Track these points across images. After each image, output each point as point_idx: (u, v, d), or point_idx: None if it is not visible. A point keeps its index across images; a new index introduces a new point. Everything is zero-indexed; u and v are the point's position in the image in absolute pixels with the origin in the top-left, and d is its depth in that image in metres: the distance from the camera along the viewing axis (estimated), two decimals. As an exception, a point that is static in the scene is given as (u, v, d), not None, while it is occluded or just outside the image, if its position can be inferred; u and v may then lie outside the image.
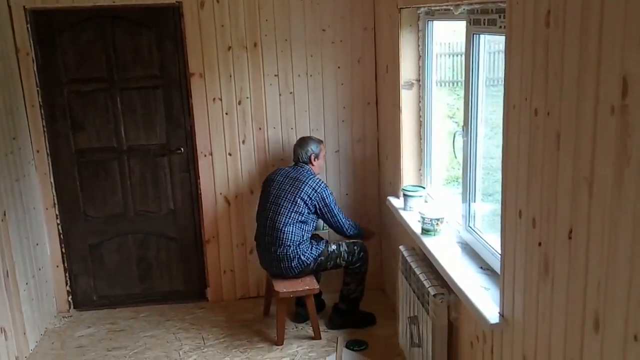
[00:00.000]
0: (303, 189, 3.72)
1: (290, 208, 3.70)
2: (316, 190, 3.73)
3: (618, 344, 1.43)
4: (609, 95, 1.45)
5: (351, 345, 3.66)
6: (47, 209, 4.20)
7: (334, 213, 3.79)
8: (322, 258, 3.76)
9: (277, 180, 3.84)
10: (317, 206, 3.74)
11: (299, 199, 3.70)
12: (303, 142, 3.93)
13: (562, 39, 1.66)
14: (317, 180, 3.79)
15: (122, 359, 3.66)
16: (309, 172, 3.82)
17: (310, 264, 3.73)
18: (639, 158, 1.35)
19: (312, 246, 3.76)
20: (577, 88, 1.59)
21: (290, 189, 3.74)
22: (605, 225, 1.49)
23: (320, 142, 3.96)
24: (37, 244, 4.02)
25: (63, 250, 4.30)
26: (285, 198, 3.73)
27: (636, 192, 1.37)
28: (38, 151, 4.11)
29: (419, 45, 3.49)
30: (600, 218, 1.51)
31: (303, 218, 3.72)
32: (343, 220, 3.84)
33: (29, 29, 3.96)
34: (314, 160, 3.88)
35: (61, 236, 4.28)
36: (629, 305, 1.40)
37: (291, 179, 3.79)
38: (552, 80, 1.73)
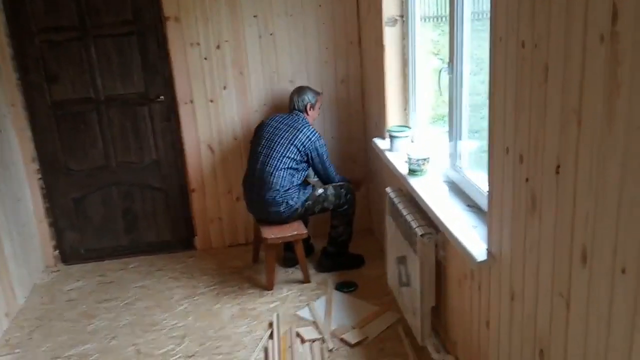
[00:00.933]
0: (297, 136, 3.66)
1: (282, 152, 3.65)
2: (310, 139, 3.68)
3: (606, 276, 1.43)
4: (598, 22, 1.39)
5: (341, 287, 3.69)
6: (26, 164, 4.12)
7: (326, 165, 3.77)
8: (310, 202, 3.74)
9: (272, 125, 3.77)
10: (310, 155, 3.70)
11: (292, 146, 3.65)
12: (301, 90, 3.85)
13: (549, -36, 1.58)
14: (312, 130, 3.73)
15: (113, 310, 3.67)
16: (304, 121, 3.76)
17: (298, 208, 3.71)
18: (629, 87, 1.31)
19: (300, 191, 3.73)
20: (565, 17, 1.53)
21: (285, 134, 3.69)
22: (594, 159, 1.46)
23: (317, 93, 3.89)
24: (18, 200, 3.95)
25: (47, 205, 4.24)
26: (279, 143, 3.67)
27: (626, 123, 1.32)
28: (13, 105, 3.99)
29: (401, -20, 3.37)
30: (589, 151, 1.48)
31: (294, 165, 3.68)
32: (333, 174, 3.83)
33: None
34: (310, 109, 3.82)
35: (44, 191, 4.21)
36: (617, 237, 1.38)
37: (286, 125, 3.74)
38: (539, 11, 1.66)
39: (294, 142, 3.66)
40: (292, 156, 3.66)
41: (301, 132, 3.69)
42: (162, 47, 4.06)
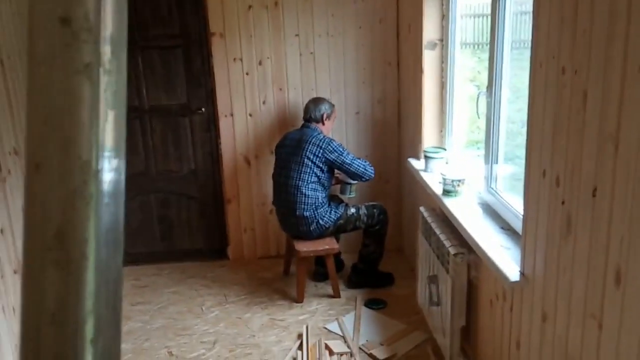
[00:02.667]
0: (307, 148, 3.69)
1: (299, 170, 3.70)
2: (320, 146, 3.68)
3: (639, 298, 1.46)
4: (637, 52, 1.44)
5: (370, 304, 3.73)
6: None
7: (348, 161, 3.69)
8: (342, 221, 3.79)
9: (285, 145, 3.84)
10: (329, 159, 3.68)
11: (305, 159, 3.69)
12: (317, 100, 3.91)
13: (592, -5, 1.64)
14: (321, 137, 3.72)
15: (146, 313, 3.77)
16: (313, 131, 3.76)
17: (329, 227, 3.77)
18: (667, 115, 1.35)
19: (331, 210, 3.79)
20: (605, 46, 1.58)
21: (296, 151, 3.73)
22: (630, 183, 1.50)
23: (332, 105, 3.95)
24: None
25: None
26: (294, 161, 3.73)
27: (664, 150, 1.37)
28: None
29: (442, 5, 3.45)
30: (625, 176, 1.52)
31: (314, 178, 3.71)
32: (361, 165, 3.74)
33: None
34: (326, 119, 3.85)
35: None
36: (652, 261, 1.42)
37: (296, 141, 3.78)
38: (580, 38, 1.71)
39: (306, 155, 3.68)
40: (309, 171, 3.68)
41: (309, 142, 3.70)
42: (206, 61, 4.20)
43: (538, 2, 1.98)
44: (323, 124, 3.85)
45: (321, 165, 3.70)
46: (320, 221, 3.73)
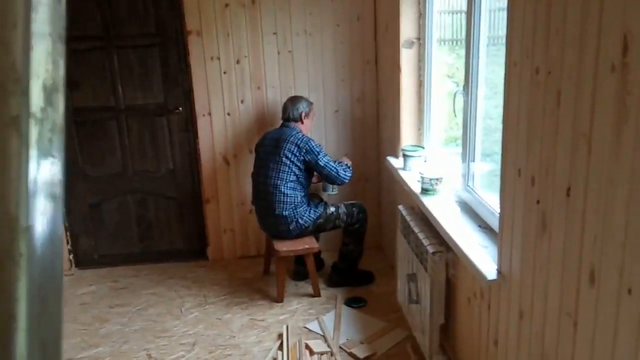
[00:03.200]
0: (286, 147, 3.69)
1: (277, 169, 3.69)
2: (298, 145, 3.68)
3: (612, 297, 1.47)
4: (609, 53, 1.45)
5: (350, 302, 3.73)
6: (46, 168, 4.20)
7: (323, 163, 3.69)
8: (321, 220, 3.79)
9: (265, 144, 3.83)
10: (305, 159, 3.69)
11: (284, 158, 3.68)
12: (295, 99, 3.90)
13: (565, -5, 1.65)
14: (300, 136, 3.72)
15: (125, 315, 3.73)
16: (292, 130, 3.75)
17: (308, 226, 3.76)
18: (637, 115, 1.36)
19: (311, 209, 3.79)
20: (578, 46, 1.59)
21: (274, 150, 3.72)
22: (603, 182, 1.51)
23: (311, 103, 3.93)
24: (37, 204, 4.03)
25: (63, 209, 4.32)
26: (271, 160, 3.72)
27: (634, 149, 1.38)
28: (36, 111, 4.09)
29: (419, 3, 3.45)
30: (598, 175, 1.53)
31: (293, 177, 3.70)
32: (336, 168, 3.73)
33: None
34: (304, 117, 3.84)
35: (61, 196, 4.29)
36: (624, 259, 1.43)
37: (275, 140, 3.77)
38: (553, 38, 1.72)
39: (285, 154, 3.67)
40: (287, 169, 3.68)
41: (288, 141, 3.69)
42: (183, 59, 4.16)
43: (512, 1, 1.99)
44: (302, 122, 3.83)
45: (299, 164, 3.69)
46: (300, 220, 3.72)
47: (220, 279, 4.18)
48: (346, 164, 3.87)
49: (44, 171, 0.42)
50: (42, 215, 0.42)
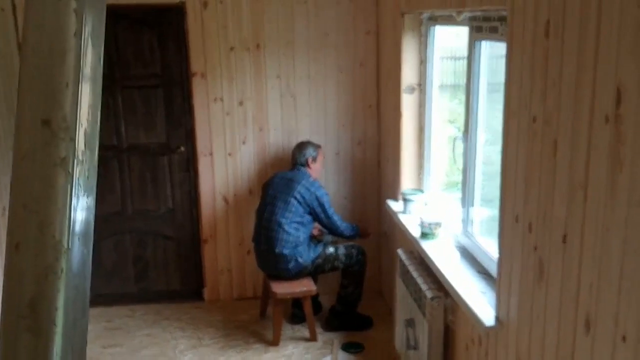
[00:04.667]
0: (297, 189, 3.74)
1: (285, 208, 3.73)
2: (309, 190, 3.75)
3: (608, 344, 1.47)
4: (603, 104, 1.48)
5: (347, 347, 3.69)
6: None
7: (329, 214, 3.80)
8: (320, 260, 3.79)
9: (275, 182, 3.88)
10: (311, 206, 3.76)
11: (293, 199, 3.73)
12: (302, 145, 3.97)
13: (560, 49, 1.69)
14: (312, 181, 3.81)
15: (118, 356, 3.68)
16: (304, 174, 3.85)
17: (307, 266, 3.76)
18: (631, 165, 1.39)
19: (310, 248, 3.79)
20: (574, 97, 1.63)
21: (285, 190, 3.77)
22: (599, 230, 1.52)
23: (318, 147, 3.99)
24: None
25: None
26: (281, 199, 3.76)
27: (628, 198, 1.40)
28: (39, 148, 4.13)
29: (421, 50, 3.53)
30: (593, 223, 1.54)
31: (299, 219, 3.74)
32: (338, 222, 3.86)
33: None
34: (312, 163, 3.91)
35: None
36: (619, 307, 1.43)
37: (287, 179, 3.83)
38: (550, 89, 1.76)
39: (294, 195, 3.73)
40: (294, 210, 3.72)
41: (300, 184, 3.76)
42: (186, 100, 4.22)
43: (510, 53, 2.04)
44: (310, 167, 3.89)
45: (306, 207, 3.75)
46: (299, 259, 3.72)
47: (216, 320, 4.13)
48: (350, 224, 3.96)
49: (83, 204, 0.50)
50: (79, 239, 0.50)
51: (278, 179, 3.89)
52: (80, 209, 0.49)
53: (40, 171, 0.46)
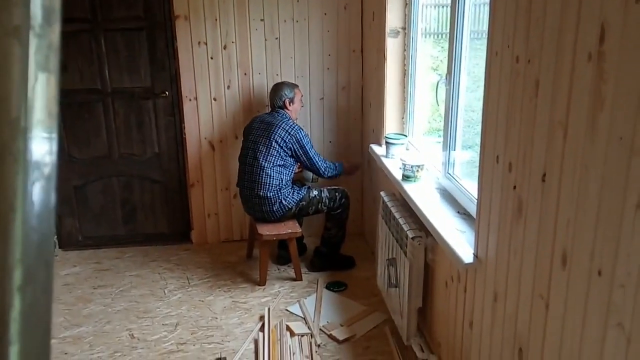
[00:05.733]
0: (277, 132, 3.75)
1: (266, 152, 3.75)
2: (289, 133, 3.76)
3: (583, 278, 1.54)
4: (587, 42, 1.51)
5: (331, 286, 3.80)
6: (30, 149, 4.20)
7: (310, 155, 3.81)
8: (304, 203, 3.85)
9: (254, 127, 3.88)
10: (292, 148, 3.77)
11: (273, 142, 3.74)
12: (277, 87, 3.94)
13: (545, -13, 1.70)
14: (291, 123, 3.81)
15: (108, 296, 3.75)
16: (283, 116, 3.84)
17: (292, 208, 3.82)
18: (611, 103, 1.43)
19: (294, 191, 3.84)
20: (557, 36, 1.65)
21: (265, 133, 3.78)
22: (577, 168, 1.57)
23: (294, 86, 3.97)
24: (21, 184, 4.03)
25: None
26: (261, 143, 3.78)
27: (608, 136, 1.44)
28: (21, 91, 4.08)
29: (406, -7, 3.50)
30: (572, 161, 1.60)
31: (280, 161, 3.77)
32: (320, 163, 3.87)
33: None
34: (289, 104, 3.90)
35: (45, 177, 4.29)
36: (595, 242, 1.50)
37: (266, 123, 3.83)
38: (533, 28, 1.78)
39: (274, 137, 3.75)
40: (275, 153, 3.75)
41: (279, 127, 3.77)
42: (170, 44, 4.17)
43: (495, -8, 2.04)
44: (288, 109, 3.88)
45: (287, 150, 3.76)
46: (284, 201, 3.77)
47: (204, 262, 4.21)
48: (334, 163, 3.98)
49: (42, 83, 0.46)
50: (39, 125, 0.46)
51: (257, 123, 3.89)
52: (40, 89, 0.45)
53: None
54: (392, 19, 3.54)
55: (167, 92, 4.26)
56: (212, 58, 4.19)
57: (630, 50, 1.35)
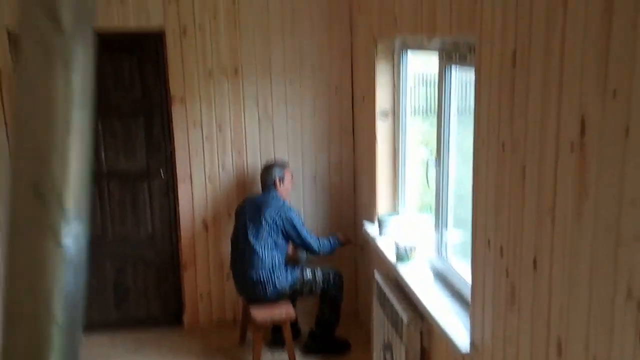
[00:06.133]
0: (267, 212, 3.75)
1: (257, 233, 3.73)
2: (279, 213, 3.75)
3: (579, 369, 1.50)
4: (569, 133, 1.54)
5: (327, 370, 3.68)
6: None
7: (302, 235, 3.78)
8: (298, 285, 3.80)
9: (245, 208, 3.89)
10: (283, 228, 3.75)
11: (264, 222, 3.73)
12: (268, 167, 3.98)
13: (526, 78, 1.75)
14: (281, 203, 3.81)
15: (96, 384, 3.63)
16: (273, 196, 3.84)
17: (285, 290, 3.76)
18: (595, 193, 1.44)
19: (287, 272, 3.79)
20: (540, 125, 1.68)
21: (255, 214, 3.77)
22: (567, 255, 1.57)
23: (285, 166, 4.00)
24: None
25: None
26: (252, 224, 3.76)
27: (594, 225, 1.44)
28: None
29: (394, 76, 3.59)
30: (562, 248, 1.59)
31: (272, 242, 3.74)
32: (313, 242, 3.84)
33: (11, 50, 3.97)
34: (280, 183, 3.91)
35: None
36: (589, 331, 1.47)
37: (256, 204, 3.83)
38: (517, 117, 1.82)
39: (265, 218, 3.73)
40: (266, 234, 3.73)
41: (269, 207, 3.76)
42: (166, 126, 4.24)
43: (479, 80, 2.10)
44: (278, 188, 3.90)
45: (278, 230, 3.74)
46: (277, 283, 3.72)
47: (196, 348, 4.10)
48: (326, 240, 3.96)
49: (73, 270, 0.53)
50: (67, 305, 0.54)
51: (248, 204, 3.90)
52: (71, 275, 0.54)
53: (30, 238, 0.50)
54: (382, 101, 3.62)
55: (162, 173, 4.29)
56: (207, 138, 4.25)
57: (610, 143, 1.37)
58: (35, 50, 0.49)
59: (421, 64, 3.77)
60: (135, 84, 4.18)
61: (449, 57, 2.73)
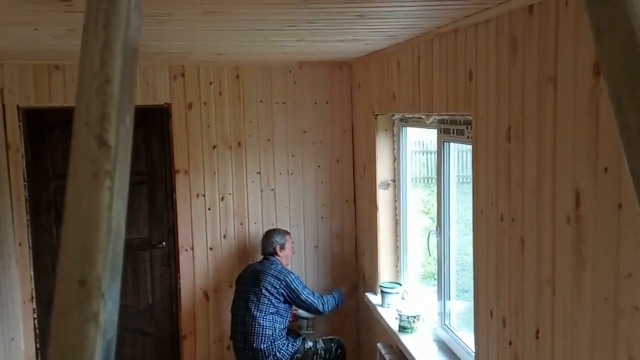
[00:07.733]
0: (266, 279, 3.76)
1: (257, 301, 3.73)
2: (278, 278, 3.76)
3: None
4: (564, 205, 1.61)
5: None
6: (24, 302, 4.17)
7: (303, 297, 3.76)
8: (299, 355, 3.76)
9: (245, 276, 3.90)
10: (284, 294, 3.75)
11: (263, 290, 3.73)
12: (268, 234, 4.02)
13: (521, 153, 1.84)
14: (280, 268, 3.82)
15: None
16: (272, 263, 3.86)
17: (286, 361, 3.73)
18: (593, 264, 1.49)
19: (289, 342, 3.77)
20: (536, 198, 1.75)
21: (255, 282, 3.78)
22: (568, 326, 1.60)
23: (285, 233, 4.05)
24: (12, 339, 3.96)
25: (37, 345, 4.23)
26: (252, 292, 3.77)
27: (593, 297, 1.49)
28: (20, 244, 4.14)
29: (394, 148, 3.70)
30: (563, 319, 1.63)
31: (273, 309, 3.74)
32: (317, 301, 3.82)
33: (21, 126, 4.10)
34: (280, 251, 3.94)
35: (36, 331, 4.22)
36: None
37: (256, 272, 3.85)
38: (514, 189, 1.89)
39: (264, 285, 3.74)
40: (267, 301, 3.72)
41: (268, 274, 3.77)
42: (169, 196, 4.31)
43: (476, 155, 2.19)
44: (279, 255, 3.93)
45: (279, 297, 3.75)
46: (278, 354, 3.68)
47: (195, 420, 4.02)
48: (329, 296, 3.94)
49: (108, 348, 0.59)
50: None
51: (248, 272, 3.92)
52: (106, 348, 0.60)
53: (75, 325, 0.57)
54: (382, 172, 3.72)
55: (164, 243, 4.33)
56: (209, 209, 4.32)
57: (604, 216, 1.44)
58: (85, 169, 0.58)
59: (421, 133, 3.90)
60: (141, 156, 4.28)
61: (447, 132, 2.83)
